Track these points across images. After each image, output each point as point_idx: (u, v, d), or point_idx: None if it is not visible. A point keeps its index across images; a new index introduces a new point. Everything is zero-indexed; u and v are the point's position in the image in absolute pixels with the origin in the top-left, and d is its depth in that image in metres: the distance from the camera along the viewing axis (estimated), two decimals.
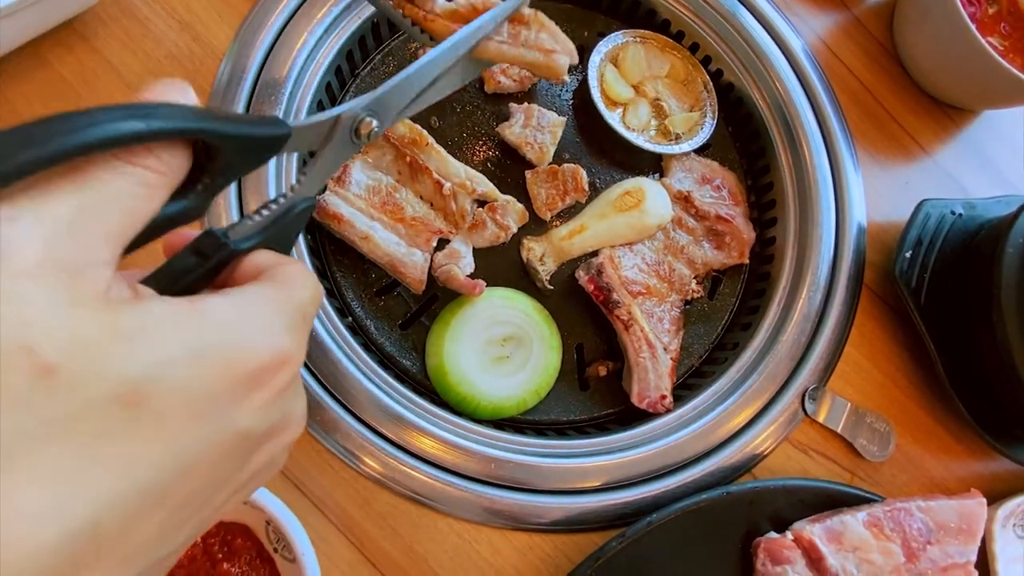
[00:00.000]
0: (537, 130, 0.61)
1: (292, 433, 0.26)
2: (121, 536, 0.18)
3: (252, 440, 0.23)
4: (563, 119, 0.62)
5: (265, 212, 0.29)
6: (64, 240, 0.18)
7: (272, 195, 0.54)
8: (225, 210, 0.54)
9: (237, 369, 0.21)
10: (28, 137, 0.18)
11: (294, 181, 0.31)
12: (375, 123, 0.33)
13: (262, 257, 0.27)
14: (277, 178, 0.55)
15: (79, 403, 0.17)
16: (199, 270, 0.26)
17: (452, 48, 0.36)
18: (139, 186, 0.21)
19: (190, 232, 0.28)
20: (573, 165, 0.62)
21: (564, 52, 0.44)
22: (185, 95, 0.24)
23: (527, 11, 0.44)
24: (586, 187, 0.62)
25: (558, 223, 0.62)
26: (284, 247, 0.30)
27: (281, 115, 0.56)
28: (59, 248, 0.18)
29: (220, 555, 0.45)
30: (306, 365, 0.53)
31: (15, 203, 0.18)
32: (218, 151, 0.25)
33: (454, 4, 0.40)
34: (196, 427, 0.20)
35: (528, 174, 0.62)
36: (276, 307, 0.24)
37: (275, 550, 0.47)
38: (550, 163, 0.62)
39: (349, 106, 0.32)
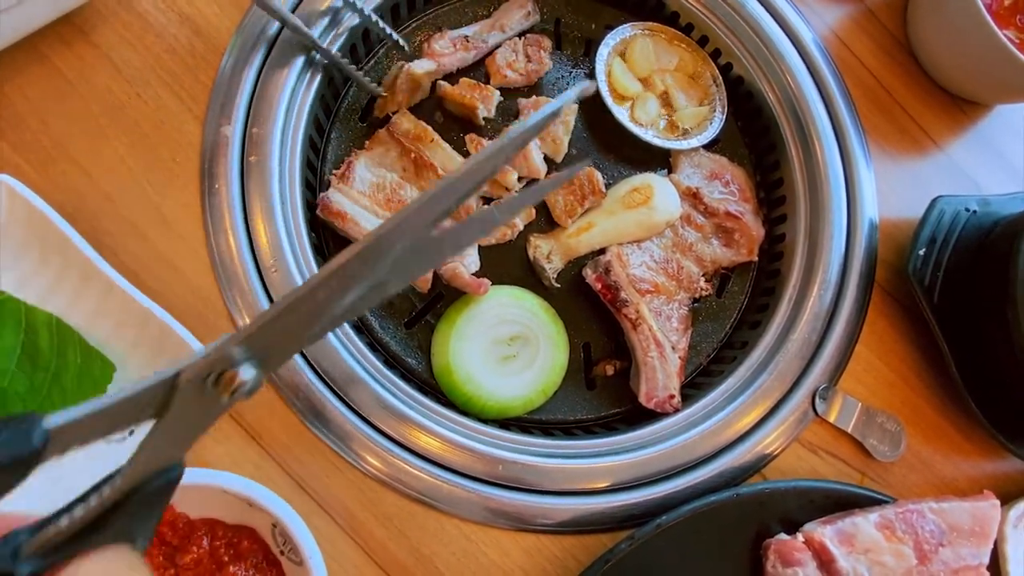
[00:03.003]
0: None
1: None
2: None
3: None
4: (575, 105, 0.61)
5: (78, 511, 0.20)
6: None
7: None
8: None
9: None
10: None
11: (124, 461, 0.22)
12: (250, 375, 0.22)
13: None
14: None
15: None
16: None
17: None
18: None
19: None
20: (586, 167, 0.60)
21: None
22: None
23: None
24: (603, 188, 0.61)
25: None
26: (134, 536, 0.22)
27: (285, 112, 0.55)
28: None
29: (226, 558, 0.45)
30: (310, 365, 0.52)
31: None
32: None
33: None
34: None
35: None
36: None
37: (281, 552, 0.46)
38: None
39: (190, 362, 0.21)
